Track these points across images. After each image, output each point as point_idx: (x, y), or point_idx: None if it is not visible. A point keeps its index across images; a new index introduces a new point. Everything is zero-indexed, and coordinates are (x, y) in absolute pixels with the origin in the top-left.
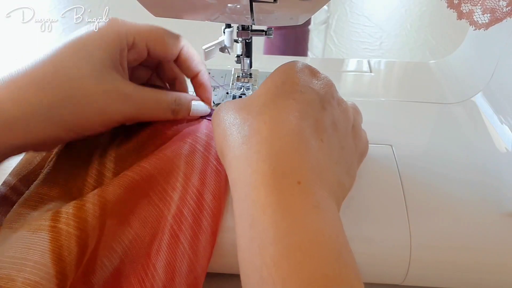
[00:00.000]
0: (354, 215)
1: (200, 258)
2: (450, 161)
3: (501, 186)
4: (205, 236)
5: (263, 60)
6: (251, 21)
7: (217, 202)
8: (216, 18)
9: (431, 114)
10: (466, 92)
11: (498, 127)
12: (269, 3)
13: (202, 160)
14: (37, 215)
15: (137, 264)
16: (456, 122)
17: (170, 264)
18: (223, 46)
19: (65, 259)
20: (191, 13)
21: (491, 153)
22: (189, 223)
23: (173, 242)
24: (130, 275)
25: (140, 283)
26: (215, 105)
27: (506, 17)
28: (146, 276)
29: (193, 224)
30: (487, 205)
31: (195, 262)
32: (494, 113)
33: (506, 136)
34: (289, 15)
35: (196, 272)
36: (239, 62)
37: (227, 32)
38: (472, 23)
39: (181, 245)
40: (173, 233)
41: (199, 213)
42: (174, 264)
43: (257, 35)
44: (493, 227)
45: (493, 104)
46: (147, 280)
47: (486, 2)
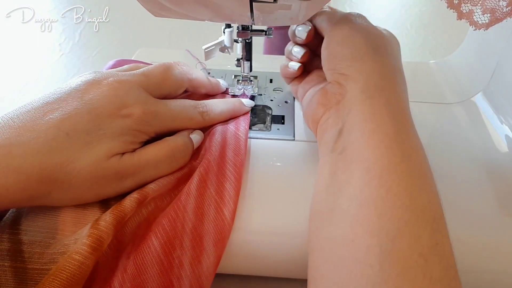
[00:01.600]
0: None
1: (227, 203)
2: (450, 161)
3: (501, 186)
4: (229, 183)
5: (263, 60)
6: (251, 21)
7: (238, 157)
8: (216, 18)
9: (431, 114)
10: (466, 92)
11: (498, 127)
12: (269, 3)
13: (223, 127)
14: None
15: (167, 207)
16: (456, 122)
17: (199, 208)
18: (223, 46)
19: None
20: (191, 13)
21: (491, 153)
22: (214, 172)
23: (201, 187)
24: (161, 217)
25: (170, 222)
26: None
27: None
28: (177, 217)
29: (218, 173)
30: (487, 205)
31: (222, 206)
32: (494, 113)
33: (506, 136)
34: (289, 15)
35: (225, 217)
36: (239, 66)
37: (227, 32)
38: (472, 23)
39: (208, 190)
40: (201, 178)
41: (222, 165)
42: (202, 207)
43: (257, 35)
44: (493, 227)
45: (493, 104)
46: (178, 221)
47: (486, 2)
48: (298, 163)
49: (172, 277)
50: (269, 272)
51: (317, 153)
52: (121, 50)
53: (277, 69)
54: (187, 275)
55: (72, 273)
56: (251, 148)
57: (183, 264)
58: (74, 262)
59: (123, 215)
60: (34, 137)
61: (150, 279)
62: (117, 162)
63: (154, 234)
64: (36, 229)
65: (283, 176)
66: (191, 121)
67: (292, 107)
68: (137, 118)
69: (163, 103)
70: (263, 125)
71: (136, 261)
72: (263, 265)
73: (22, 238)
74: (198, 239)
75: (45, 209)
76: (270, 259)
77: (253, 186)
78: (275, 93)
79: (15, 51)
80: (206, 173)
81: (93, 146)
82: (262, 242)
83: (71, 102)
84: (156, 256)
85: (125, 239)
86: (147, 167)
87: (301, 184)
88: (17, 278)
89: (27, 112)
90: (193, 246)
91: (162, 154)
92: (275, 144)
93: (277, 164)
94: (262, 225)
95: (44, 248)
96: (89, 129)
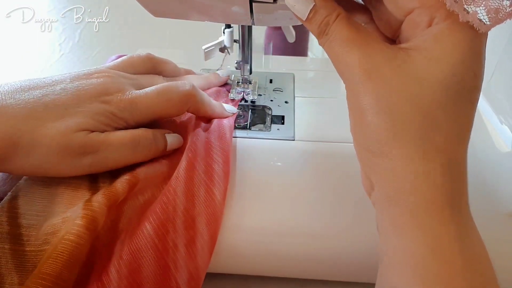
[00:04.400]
0: (355, 214)
1: (216, 184)
2: None
3: (501, 186)
4: (217, 164)
5: (263, 60)
6: (251, 21)
7: (223, 140)
8: (216, 18)
9: None
10: None
11: (498, 127)
12: (269, 3)
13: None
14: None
15: (159, 192)
16: None
17: (189, 190)
18: (223, 46)
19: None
20: (191, 13)
21: (491, 153)
22: (201, 156)
23: (190, 170)
24: (155, 204)
25: (162, 206)
26: None
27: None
28: (168, 201)
29: (205, 156)
30: (487, 205)
31: (212, 187)
32: (494, 113)
33: (506, 136)
34: (289, 15)
35: (215, 197)
36: (239, 68)
37: (227, 32)
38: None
39: (197, 172)
40: (189, 161)
41: (209, 149)
42: (192, 189)
43: None
44: (493, 227)
45: (493, 104)
46: (169, 205)
47: (490, 3)
48: (298, 163)
49: (168, 260)
50: (271, 272)
51: (317, 153)
52: (121, 50)
53: (277, 69)
54: (183, 257)
55: (70, 254)
56: (251, 148)
57: (177, 247)
58: (71, 243)
59: (115, 197)
60: (14, 103)
61: (146, 263)
62: (83, 136)
63: (147, 219)
64: (34, 213)
65: (283, 176)
66: (169, 102)
67: (292, 107)
68: (116, 104)
69: (145, 93)
70: (263, 125)
71: (131, 246)
72: (264, 265)
73: (21, 221)
74: (191, 221)
75: (41, 193)
76: (271, 259)
77: (253, 186)
78: (275, 93)
79: (15, 51)
80: (194, 157)
81: (67, 119)
82: (263, 242)
83: (60, 85)
84: (150, 241)
85: (122, 227)
86: (110, 147)
87: (301, 184)
88: (17, 260)
89: (16, 87)
90: (186, 227)
91: (127, 138)
92: (275, 144)
93: (277, 164)
94: (263, 225)
95: (37, 231)
96: (68, 105)
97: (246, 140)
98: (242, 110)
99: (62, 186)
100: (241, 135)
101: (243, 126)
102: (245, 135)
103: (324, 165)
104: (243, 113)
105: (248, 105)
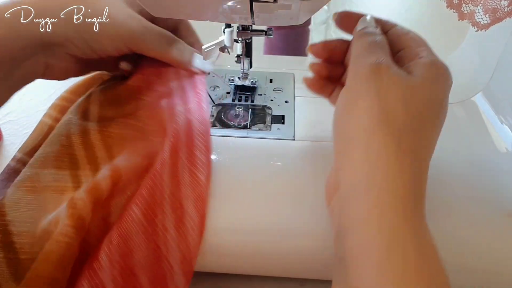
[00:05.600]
0: None
1: (200, 168)
2: (450, 161)
3: (501, 186)
4: (199, 150)
5: (263, 60)
6: (251, 21)
7: (203, 126)
8: (216, 18)
9: None
10: (466, 92)
11: (498, 127)
12: (269, 3)
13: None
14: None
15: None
16: (456, 122)
17: (174, 175)
18: (223, 46)
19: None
20: (191, 13)
21: (491, 153)
22: (183, 142)
23: (174, 156)
24: (140, 188)
25: (149, 191)
26: (215, 105)
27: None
28: (155, 186)
29: (187, 142)
30: (487, 205)
31: (196, 172)
32: (494, 113)
33: (506, 136)
34: (289, 15)
35: (200, 180)
36: (239, 62)
37: (227, 32)
38: (474, 24)
39: (180, 159)
40: (172, 148)
41: (190, 134)
42: (177, 175)
43: (257, 35)
44: (493, 227)
45: (493, 104)
46: (156, 189)
47: (487, 2)
48: (298, 163)
49: (159, 242)
50: (272, 272)
51: (317, 153)
52: None
53: (277, 69)
54: (173, 238)
55: (61, 255)
56: (251, 148)
57: (167, 228)
58: (61, 245)
59: (98, 192)
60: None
61: (137, 247)
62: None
63: (134, 204)
64: (22, 219)
65: (283, 176)
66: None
67: (292, 107)
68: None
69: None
70: (263, 125)
71: (120, 231)
72: (265, 265)
73: (11, 229)
74: (178, 203)
75: (27, 199)
76: (271, 259)
77: (253, 186)
78: (275, 93)
79: None
80: (176, 142)
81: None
82: (263, 242)
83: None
84: (140, 224)
85: (113, 221)
86: (153, 30)
87: (301, 184)
88: (12, 268)
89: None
90: (174, 209)
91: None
92: (275, 144)
93: (277, 164)
94: (263, 224)
95: (31, 238)
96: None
97: (246, 140)
98: (242, 110)
99: (48, 191)
100: (241, 135)
101: (243, 126)
102: (245, 135)
103: (324, 165)
104: (243, 113)
105: (248, 105)
